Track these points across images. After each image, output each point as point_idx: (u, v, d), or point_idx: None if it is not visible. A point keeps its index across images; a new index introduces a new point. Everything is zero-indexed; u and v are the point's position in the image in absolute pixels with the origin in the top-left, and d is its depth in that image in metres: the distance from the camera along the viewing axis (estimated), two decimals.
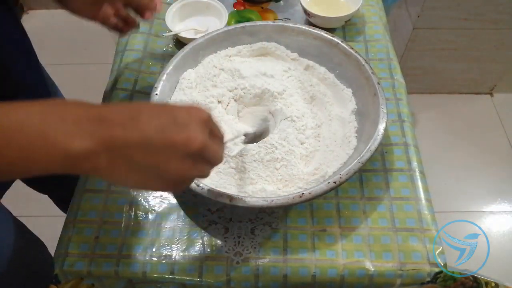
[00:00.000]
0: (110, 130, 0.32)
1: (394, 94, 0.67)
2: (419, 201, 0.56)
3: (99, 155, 0.32)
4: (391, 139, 0.62)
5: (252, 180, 0.54)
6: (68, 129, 0.31)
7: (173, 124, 0.33)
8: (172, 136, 0.33)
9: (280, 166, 0.55)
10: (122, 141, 0.32)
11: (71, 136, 0.31)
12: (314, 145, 0.58)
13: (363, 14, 0.78)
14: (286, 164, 0.55)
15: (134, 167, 0.33)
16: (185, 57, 0.62)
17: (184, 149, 0.33)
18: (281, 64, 0.65)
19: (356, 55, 0.60)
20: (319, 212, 0.56)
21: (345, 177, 0.49)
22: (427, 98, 1.57)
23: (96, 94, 0.73)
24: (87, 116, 0.32)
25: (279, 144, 0.56)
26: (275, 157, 0.55)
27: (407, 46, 1.38)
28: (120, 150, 0.32)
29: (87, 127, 0.31)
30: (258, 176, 0.54)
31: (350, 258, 0.52)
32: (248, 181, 0.54)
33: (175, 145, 0.33)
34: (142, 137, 0.32)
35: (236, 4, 0.82)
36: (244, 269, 0.52)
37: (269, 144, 0.56)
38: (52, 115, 0.31)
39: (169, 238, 0.55)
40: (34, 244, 0.59)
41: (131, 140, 0.32)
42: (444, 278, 0.52)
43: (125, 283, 0.54)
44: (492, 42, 1.36)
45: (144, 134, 0.32)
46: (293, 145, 0.56)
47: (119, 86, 0.69)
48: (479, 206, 1.36)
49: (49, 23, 1.84)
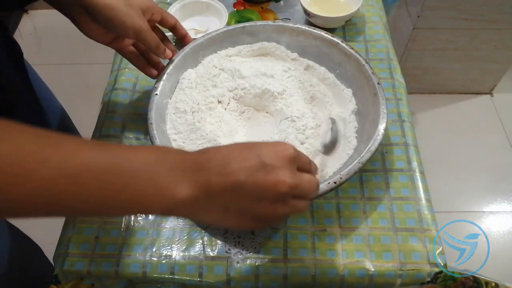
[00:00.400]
0: (208, 177, 0.34)
1: (394, 94, 0.67)
2: (419, 201, 0.56)
3: (198, 201, 0.34)
4: (391, 139, 0.62)
5: None
6: (175, 178, 0.33)
7: (262, 168, 0.35)
8: (261, 180, 0.34)
9: None
10: (219, 187, 0.34)
11: (177, 184, 0.33)
12: (314, 145, 0.58)
13: (363, 14, 0.78)
14: None
15: (229, 210, 0.36)
16: (185, 57, 0.62)
17: (274, 192, 0.35)
18: (281, 64, 0.65)
19: (356, 55, 0.60)
20: (319, 212, 0.56)
21: (345, 177, 0.49)
22: (427, 98, 1.57)
23: (96, 94, 0.73)
24: (188, 166, 0.34)
25: None
26: None
27: (407, 46, 1.38)
28: (217, 195, 0.34)
29: (190, 175, 0.34)
30: None
31: (350, 258, 0.52)
32: None
33: (264, 189, 0.34)
34: (235, 183, 0.34)
35: (236, 4, 0.82)
36: (244, 269, 0.52)
37: None
38: (163, 164, 0.34)
39: (169, 238, 0.55)
40: (29, 247, 0.59)
41: (226, 185, 0.34)
42: (444, 278, 0.52)
43: (125, 283, 0.54)
44: (492, 42, 1.36)
45: (236, 180, 0.34)
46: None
47: (119, 86, 0.69)
48: (479, 206, 1.36)
49: (49, 23, 1.85)
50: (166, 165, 0.34)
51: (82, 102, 1.37)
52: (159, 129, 0.54)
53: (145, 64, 0.59)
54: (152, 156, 0.34)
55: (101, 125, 0.65)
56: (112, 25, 0.51)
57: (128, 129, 0.64)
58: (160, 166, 0.33)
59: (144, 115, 0.57)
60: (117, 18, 0.50)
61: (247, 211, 0.36)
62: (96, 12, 0.49)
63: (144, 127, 0.63)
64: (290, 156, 0.36)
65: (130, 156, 0.33)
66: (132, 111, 0.66)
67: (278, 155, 0.35)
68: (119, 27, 0.51)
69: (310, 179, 0.38)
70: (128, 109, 0.67)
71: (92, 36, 0.54)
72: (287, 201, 0.36)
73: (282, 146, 0.36)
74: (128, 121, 0.65)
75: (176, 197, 0.33)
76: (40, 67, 0.71)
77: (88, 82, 1.65)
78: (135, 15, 0.51)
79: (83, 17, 0.51)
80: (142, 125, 0.65)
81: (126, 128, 0.64)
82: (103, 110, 0.67)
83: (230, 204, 0.35)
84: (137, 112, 0.66)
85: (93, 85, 1.62)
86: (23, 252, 0.57)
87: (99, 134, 0.64)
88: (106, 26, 0.52)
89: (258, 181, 0.34)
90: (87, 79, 1.66)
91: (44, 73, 0.72)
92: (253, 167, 0.34)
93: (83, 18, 0.51)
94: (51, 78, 0.76)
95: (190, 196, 0.33)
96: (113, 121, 0.65)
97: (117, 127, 0.64)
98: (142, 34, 0.53)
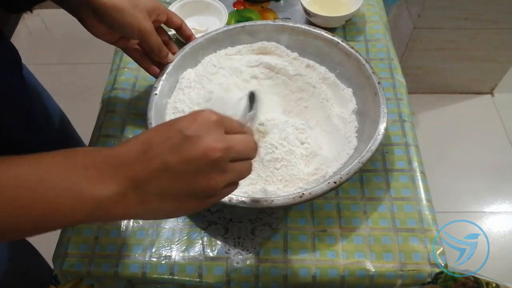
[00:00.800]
0: (130, 168, 0.32)
1: (394, 94, 0.67)
2: (420, 202, 0.56)
3: (128, 196, 0.31)
4: (391, 139, 0.62)
5: (252, 180, 0.54)
6: (92, 176, 0.31)
7: (186, 141, 0.32)
8: (189, 153, 0.32)
9: (280, 166, 0.55)
10: (145, 175, 0.31)
11: (96, 182, 0.31)
12: (314, 145, 0.58)
13: (364, 14, 0.78)
14: (286, 164, 0.55)
15: (166, 196, 0.33)
16: (185, 57, 0.62)
17: (206, 161, 0.32)
18: (281, 60, 0.65)
19: (357, 54, 0.60)
20: (320, 212, 0.56)
21: (345, 177, 0.48)
22: (427, 98, 1.57)
23: (96, 94, 0.73)
24: (105, 161, 0.32)
25: (279, 144, 0.56)
26: (275, 157, 0.55)
27: (407, 46, 1.38)
28: (146, 184, 0.32)
29: (108, 171, 0.31)
30: (258, 176, 0.54)
31: (351, 258, 0.52)
32: (248, 181, 0.54)
33: (195, 161, 0.32)
34: (162, 164, 0.32)
35: (236, 4, 0.82)
36: (244, 269, 0.52)
37: (269, 144, 0.56)
38: (75, 165, 0.31)
39: (169, 239, 0.54)
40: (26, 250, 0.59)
41: (153, 171, 0.32)
42: (445, 278, 0.52)
43: (125, 284, 0.54)
44: (493, 41, 1.36)
45: (162, 161, 0.32)
46: (293, 145, 0.56)
47: (118, 86, 0.69)
48: (479, 206, 1.36)
49: (49, 23, 1.84)
50: (77, 166, 0.31)
51: (81, 102, 1.36)
52: None
53: (149, 64, 0.59)
54: (57, 160, 0.31)
55: (101, 125, 0.65)
56: (118, 26, 0.52)
57: (127, 129, 0.64)
58: (70, 168, 0.31)
59: (143, 115, 0.57)
60: (123, 19, 0.51)
61: (186, 192, 0.33)
62: (103, 13, 0.50)
63: (144, 127, 0.63)
64: (212, 121, 0.33)
65: (33, 165, 0.30)
66: (132, 111, 0.66)
67: (200, 124, 0.33)
68: (124, 28, 0.52)
69: (243, 138, 0.35)
70: (128, 109, 0.66)
71: (98, 36, 0.54)
72: (225, 167, 0.33)
73: (202, 113, 0.33)
74: (127, 121, 0.65)
75: (98, 196, 0.30)
76: (39, 67, 0.71)
77: (87, 82, 1.65)
78: (141, 17, 0.52)
79: (90, 17, 0.52)
80: (141, 125, 0.64)
81: (126, 128, 0.64)
82: (102, 110, 0.67)
83: (165, 190, 0.32)
84: (136, 112, 0.66)
85: (92, 85, 1.62)
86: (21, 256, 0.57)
87: (99, 134, 0.64)
88: (112, 26, 0.52)
89: (186, 156, 0.32)
90: (86, 79, 1.66)
91: (43, 73, 0.72)
92: (176, 143, 0.32)
93: (91, 18, 0.52)
94: (50, 78, 0.76)
95: (116, 193, 0.31)
96: (112, 121, 0.65)
97: (116, 127, 0.64)
98: (146, 36, 0.54)
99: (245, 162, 0.36)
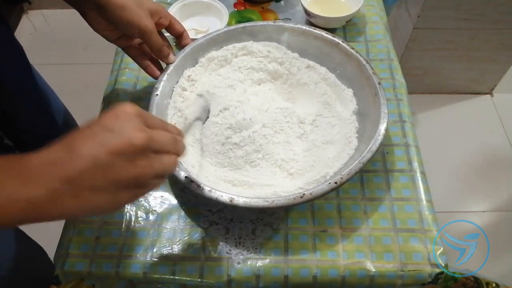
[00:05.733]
0: (60, 168, 0.32)
1: (395, 95, 0.67)
2: (420, 202, 0.56)
3: (62, 195, 0.32)
4: (392, 140, 0.62)
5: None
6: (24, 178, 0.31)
7: (109, 134, 0.33)
8: (113, 145, 0.33)
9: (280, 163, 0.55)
10: (77, 172, 0.32)
11: (29, 183, 0.31)
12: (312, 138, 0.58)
13: (364, 14, 0.78)
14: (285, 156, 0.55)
15: (98, 189, 0.33)
16: (186, 57, 0.62)
17: (130, 151, 0.33)
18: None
19: (357, 55, 0.60)
20: (320, 212, 0.56)
21: (346, 178, 0.49)
22: (427, 98, 1.57)
23: (96, 94, 0.73)
24: (36, 163, 0.32)
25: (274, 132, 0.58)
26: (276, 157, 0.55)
27: (407, 46, 1.38)
28: (78, 180, 0.32)
29: (40, 172, 0.32)
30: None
31: (351, 259, 0.52)
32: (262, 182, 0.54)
33: (120, 152, 0.33)
34: (90, 159, 0.33)
35: (236, 4, 0.82)
36: (245, 269, 0.52)
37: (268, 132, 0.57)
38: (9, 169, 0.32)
39: (170, 239, 0.55)
40: (33, 249, 0.59)
41: (83, 167, 0.32)
42: (445, 278, 0.52)
43: (126, 284, 0.54)
44: (492, 42, 1.36)
45: (90, 156, 0.33)
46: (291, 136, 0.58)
47: (119, 86, 0.69)
48: (479, 206, 1.36)
49: (49, 23, 1.84)
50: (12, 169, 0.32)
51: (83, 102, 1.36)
52: None
53: (148, 64, 0.59)
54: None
55: None
56: (120, 23, 0.52)
57: None
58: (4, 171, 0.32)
59: None
60: (125, 16, 0.51)
61: (117, 182, 0.34)
62: (106, 9, 0.51)
63: None
64: (132, 113, 0.35)
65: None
66: None
67: (120, 117, 0.34)
68: (126, 25, 0.52)
69: (163, 133, 0.37)
70: None
71: (99, 31, 0.55)
72: (149, 157, 0.35)
73: (122, 107, 0.35)
74: None
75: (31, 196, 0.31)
76: (40, 67, 0.70)
77: (88, 82, 1.65)
78: (143, 16, 0.52)
79: (93, 13, 0.52)
80: None
81: None
82: (103, 110, 0.67)
83: (97, 183, 0.33)
84: None
85: (94, 85, 1.62)
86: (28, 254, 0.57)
87: None
88: (114, 23, 0.53)
89: (111, 147, 0.33)
90: (87, 79, 1.66)
91: (45, 73, 0.72)
92: (100, 138, 0.33)
93: (94, 14, 0.52)
94: (52, 78, 0.76)
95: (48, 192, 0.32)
96: None
97: None
98: (147, 34, 0.54)
99: (170, 156, 0.37)
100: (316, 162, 0.56)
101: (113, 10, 0.51)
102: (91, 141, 0.33)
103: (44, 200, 0.32)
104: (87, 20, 0.54)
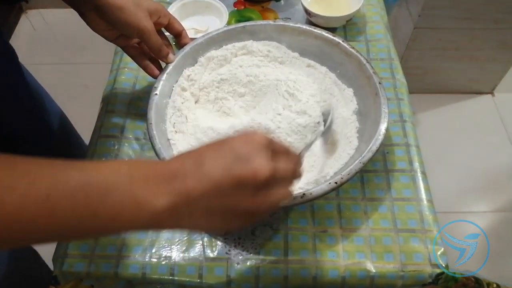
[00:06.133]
0: (184, 183, 0.33)
1: (395, 94, 0.67)
2: (421, 202, 0.56)
3: (179, 210, 0.33)
4: (392, 139, 0.62)
5: None
6: (151, 189, 0.32)
7: (236, 160, 0.33)
8: (238, 173, 0.33)
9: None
10: (198, 191, 0.33)
11: (154, 195, 0.32)
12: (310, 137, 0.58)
13: (364, 14, 0.78)
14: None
15: (213, 213, 0.34)
16: (185, 57, 0.62)
17: (253, 183, 0.33)
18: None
19: (357, 54, 0.60)
20: (320, 213, 0.56)
21: (346, 178, 0.48)
22: (427, 97, 1.57)
23: (95, 94, 0.72)
24: (162, 175, 0.33)
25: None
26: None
27: (407, 46, 1.37)
28: (197, 200, 0.33)
29: (165, 184, 0.32)
30: None
31: (351, 259, 0.52)
32: None
33: (243, 182, 0.33)
34: (213, 183, 0.33)
35: (236, 4, 0.81)
36: (245, 270, 0.52)
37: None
38: (136, 176, 0.32)
39: (169, 239, 0.54)
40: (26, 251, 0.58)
41: (205, 188, 0.33)
42: (446, 279, 0.52)
43: (125, 284, 0.54)
44: (493, 41, 1.36)
45: (214, 179, 0.33)
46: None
47: (118, 86, 0.69)
48: (479, 206, 1.35)
49: (48, 23, 1.84)
50: (139, 177, 0.32)
51: (81, 102, 1.36)
52: (159, 129, 0.54)
53: (148, 64, 0.59)
54: (124, 168, 0.33)
55: (101, 125, 0.64)
56: (118, 24, 0.52)
57: (127, 129, 0.64)
58: (134, 178, 0.32)
59: (143, 115, 0.57)
60: (124, 17, 0.51)
61: (231, 209, 0.34)
62: (104, 10, 0.51)
63: (144, 127, 0.63)
64: (262, 143, 0.35)
65: (100, 171, 0.32)
66: (132, 111, 0.66)
67: (250, 144, 0.34)
68: (124, 27, 0.52)
69: (286, 165, 0.37)
70: (128, 109, 0.66)
71: (97, 31, 0.55)
72: (270, 189, 0.35)
73: (253, 135, 0.35)
74: (127, 121, 0.65)
75: (155, 208, 0.32)
76: (39, 67, 0.70)
77: (87, 82, 1.65)
78: (142, 16, 0.52)
79: (92, 13, 0.52)
80: (141, 125, 0.64)
81: (126, 128, 0.64)
82: (102, 110, 0.67)
83: (213, 206, 0.34)
84: (136, 112, 0.66)
85: (92, 85, 1.62)
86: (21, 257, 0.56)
87: (98, 135, 0.63)
88: (112, 24, 0.53)
89: (236, 175, 0.33)
90: (86, 79, 1.65)
91: (43, 73, 0.72)
92: (228, 162, 0.33)
93: (92, 15, 0.52)
94: (50, 78, 0.76)
95: (169, 206, 0.32)
96: (112, 121, 0.65)
97: (116, 127, 0.64)
98: (146, 35, 0.54)
99: (286, 188, 0.37)
100: (316, 162, 0.56)
101: (111, 11, 0.51)
102: (217, 163, 0.33)
103: (165, 214, 0.32)
104: (85, 21, 0.54)
